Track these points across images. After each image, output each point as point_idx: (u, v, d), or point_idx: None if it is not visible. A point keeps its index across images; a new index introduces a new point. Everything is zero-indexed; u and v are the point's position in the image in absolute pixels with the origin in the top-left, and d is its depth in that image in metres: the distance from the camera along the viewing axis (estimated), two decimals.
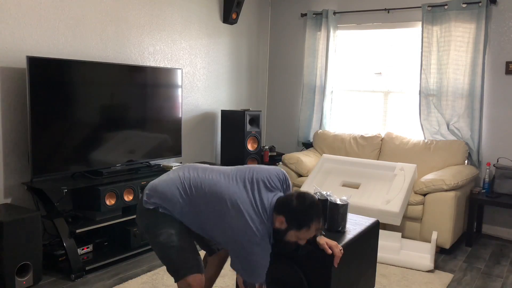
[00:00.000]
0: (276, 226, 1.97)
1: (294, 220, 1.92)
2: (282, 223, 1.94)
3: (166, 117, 4.02)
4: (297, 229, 1.93)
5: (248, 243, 1.92)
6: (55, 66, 3.14)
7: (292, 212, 1.92)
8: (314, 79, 5.25)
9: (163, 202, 2.06)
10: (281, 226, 1.95)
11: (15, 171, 3.21)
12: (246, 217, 1.93)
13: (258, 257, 1.94)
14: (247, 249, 1.92)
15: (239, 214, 1.94)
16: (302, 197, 1.95)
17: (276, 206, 1.97)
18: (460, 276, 3.35)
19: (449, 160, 4.22)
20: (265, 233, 1.96)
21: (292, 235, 1.96)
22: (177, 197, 2.05)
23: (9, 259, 2.73)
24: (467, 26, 4.26)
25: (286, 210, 1.94)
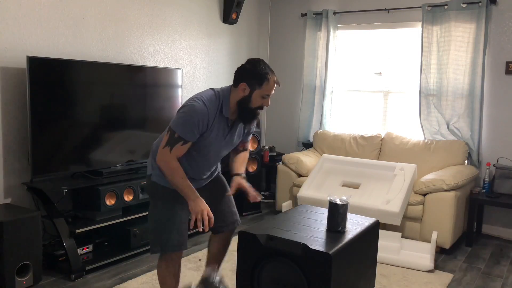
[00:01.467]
0: (241, 97, 2.15)
1: (253, 79, 2.13)
2: (245, 89, 2.14)
3: (166, 117, 4.02)
4: (259, 86, 2.13)
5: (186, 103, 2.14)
6: (55, 66, 3.14)
7: (249, 73, 2.13)
8: (314, 79, 5.25)
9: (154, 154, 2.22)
10: (245, 93, 2.15)
11: (15, 171, 3.21)
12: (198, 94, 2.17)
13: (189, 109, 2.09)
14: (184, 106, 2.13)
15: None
16: (252, 60, 2.17)
17: (234, 81, 2.19)
18: (460, 276, 3.35)
19: (449, 160, 4.22)
20: (210, 97, 2.15)
21: (256, 96, 2.15)
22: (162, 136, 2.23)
23: (9, 259, 2.73)
24: (467, 26, 4.26)
25: (243, 75, 2.15)
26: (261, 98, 2.17)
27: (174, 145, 2.09)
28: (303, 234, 2.34)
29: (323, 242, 2.22)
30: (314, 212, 2.78)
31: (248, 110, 2.18)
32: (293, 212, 2.74)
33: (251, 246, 2.30)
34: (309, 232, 2.37)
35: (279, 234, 2.30)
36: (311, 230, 2.41)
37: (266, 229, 2.36)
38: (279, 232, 2.34)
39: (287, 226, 2.46)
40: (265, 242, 2.26)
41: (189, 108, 2.09)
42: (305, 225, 2.48)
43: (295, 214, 2.71)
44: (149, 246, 2.30)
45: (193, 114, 2.08)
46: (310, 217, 2.65)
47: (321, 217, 2.68)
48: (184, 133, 2.09)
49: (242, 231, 2.35)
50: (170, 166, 2.11)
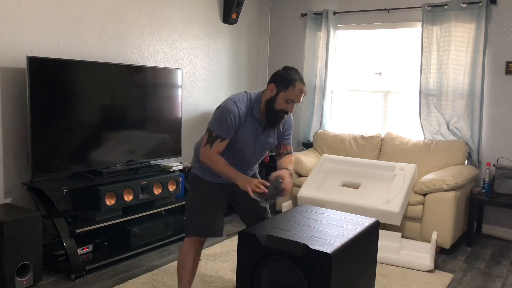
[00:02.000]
0: (268, 97, 2.34)
1: (281, 82, 2.31)
2: (273, 90, 2.33)
3: (166, 117, 4.02)
4: (285, 89, 2.30)
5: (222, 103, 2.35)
6: (55, 66, 3.14)
7: (279, 77, 2.33)
8: (314, 79, 5.25)
9: (196, 150, 2.50)
10: (272, 93, 2.33)
11: (15, 171, 3.21)
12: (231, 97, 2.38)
13: (225, 108, 2.31)
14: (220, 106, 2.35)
15: None
16: (286, 67, 2.37)
17: (269, 81, 2.37)
18: (460, 276, 3.35)
19: (449, 160, 4.22)
20: (243, 99, 2.35)
21: (281, 98, 2.32)
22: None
23: (9, 259, 2.73)
24: (467, 26, 4.26)
25: (274, 78, 2.35)
26: (285, 102, 2.33)
27: (213, 142, 2.33)
28: (303, 234, 2.34)
29: (323, 242, 2.22)
30: (314, 212, 2.78)
31: (273, 111, 2.35)
32: (293, 212, 2.74)
33: (251, 246, 2.30)
34: (309, 232, 2.37)
35: (279, 234, 2.30)
36: (311, 230, 2.41)
37: (266, 229, 2.36)
38: (279, 232, 2.34)
39: (287, 226, 2.46)
40: (265, 242, 2.26)
41: (222, 108, 2.33)
42: (305, 225, 2.48)
43: (295, 214, 2.71)
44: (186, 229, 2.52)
45: (225, 113, 2.30)
46: (310, 217, 2.65)
47: (321, 217, 2.68)
48: (220, 131, 2.31)
49: (242, 231, 2.36)
50: (213, 159, 2.34)
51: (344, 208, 3.70)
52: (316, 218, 2.64)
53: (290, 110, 2.37)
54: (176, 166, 3.97)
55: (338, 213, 2.80)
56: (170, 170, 3.90)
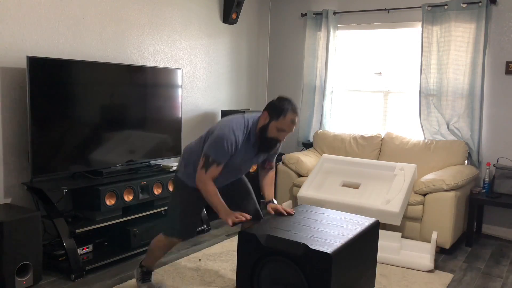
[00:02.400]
0: (261, 124, 2.44)
1: (273, 111, 2.41)
2: (266, 118, 2.43)
3: (166, 117, 4.02)
4: (276, 118, 2.39)
5: (219, 128, 2.42)
6: (55, 66, 3.14)
7: (272, 106, 2.43)
8: (314, 79, 5.25)
9: (184, 156, 2.61)
10: (265, 121, 2.43)
11: (15, 171, 3.21)
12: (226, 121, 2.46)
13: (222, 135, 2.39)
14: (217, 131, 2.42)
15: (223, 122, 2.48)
16: (281, 96, 2.47)
17: (263, 109, 2.47)
18: (460, 276, 3.35)
19: (449, 160, 4.22)
20: (240, 126, 2.43)
21: (273, 126, 2.41)
22: (194, 143, 2.62)
23: (9, 259, 2.73)
24: (467, 26, 4.27)
25: (268, 106, 2.45)
26: (277, 130, 2.43)
27: (209, 167, 2.40)
28: (303, 234, 2.34)
29: (323, 242, 2.22)
30: (314, 212, 2.78)
31: (265, 138, 2.45)
32: (292, 213, 2.74)
33: (251, 246, 2.31)
34: (309, 232, 2.37)
35: (279, 234, 2.30)
36: (311, 230, 2.41)
37: (266, 229, 2.36)
38: (279, 232, 2.34)
39: (287, 226, 2.46)
40: (265, 242, 2.25)
41: (220, 135, 2.39)
42: (305, 225, 2.48)
43: (295, 214, 2.71)
44: (164, 227, 2.71)
45: (223, 140, 2.38)
46: (310, 217, 2.65)
47: (321, 217, 2.68)
48: (217, 156, 2.40)
49: (242, 231, 2.35)
50: (206, 187, 2.42)
51: (344, 208, 3.70)
52: (316, 218, 2.64)
53: (282, 139, 2.48)
54: (176, 166, 3.97)
55: (338, 213, 2.80)
56: (170, 170, 3.90)
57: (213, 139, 2.41)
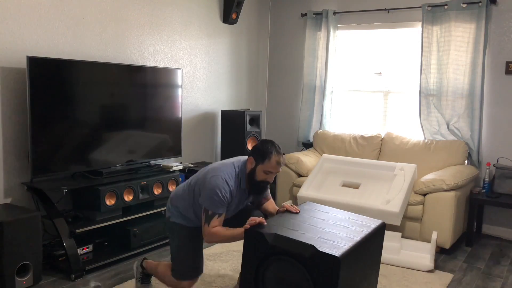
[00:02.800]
0: (248, 169, 2.51)
1: (258, 155, 2.47)
2: (252, 163, 2.49)
3: (166, 117, 4.02)
4: (262, 162, 2.46)
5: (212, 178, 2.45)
6: (55, 66, 3.14)
7: (257, 150, 2.49)
8: (314, 79, 5.25)
9: (174, 203, 2.61)
10: (252, 166, 2.50)
11: (15, 171, 3.21)
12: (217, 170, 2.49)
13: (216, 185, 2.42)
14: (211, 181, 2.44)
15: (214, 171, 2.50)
16: (264, 140, 2.55)
17: (248, 154, 2.54)
18: (460, 276, 3.35)
19: (449, 160, 4.22)
20: (232, 175, 2.48)
21: (260, 170, 2.48)
22: (182, 191, 2.62)
23: (9, 259, 2.73)
24: (467, 26, 4.27)
25: (252, 151, 2.51)
26: (264, 173, 2.49)
27: (210, 220, 2.44)
28: (310, 234, 2.30)
29: (331, 244, 2.18)
30: (320, 211, 2.75)
31: (254, 182, 2.52)
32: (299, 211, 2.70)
33: (258, 244, 2.27)
34: (316, 233, 2.33)
35: (286, 233, 2.26)
36: (318, 231, 2.37)
37: (272, 227, 2.33)
38: (286, 231, 2.29)
39: (293, 225, 2.42)
40: (273, 241, 2.22)
41: (214, 187, 2.42)
42: (312, 225, 2.45)
43: (301, 212, 2.68)
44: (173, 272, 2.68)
45: (218, 192, 2.41)
46: (317, 217, 2.63)
47: (327, 216, 2.65)
48: (215, 208, 2.43)
49: (249, 229, 2.33)
50: (215, 234, 2.43)
51: (344, 208, 3.69)
52: (322, 218, 2.61)
53: (270, 180, 2.53)
54: (176, 166, 3.97)
55: (344, 213, 2.76)
56: (170, 170, 3.90)
57: (208, 192, 2.43)
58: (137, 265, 2.88)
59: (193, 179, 2.63)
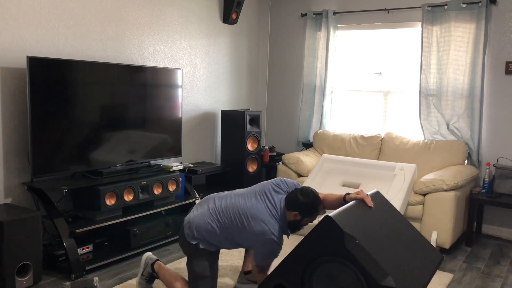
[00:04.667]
0: (292, 220, 2.54)
1: (306, 211, 2.51)
2: (296, 215, 2.52)
3: (166, 117, 4.02)
4: (310, 216, 2.54)
5: (266, 241, 2.48)
6: (55, 66, 3.14)
7: (302, 206, 2.50)
8: (314, 79, 5.25)
9: (200, 235, 2.59)
10: (296, 218, 2.53)
11: (15, 171, 3.21)
12: (263, 224, 2.49)
13: (273, 249, 2.50)
14: (265, 245, 2.48)
15: (257, 222, 2.50)
16: (306, 193, 2.53)
17: (287, 205, 2.54)
18: (460, 276, 3.35)
19: (449, 160, 4.22)
20: (279, 229, 2.50)
21: (306, 221, 2.57)
22: (210, 226, 2.59)
23: (9, 259, 2.73)
24: (467, 26, 4.27)
25: (297, 207, 2.51)
26: (310, 221, 2.61)
27: (267, 270, 2.60)
28: (387, 257, 2.08)
29: (407, 284, 2.00)
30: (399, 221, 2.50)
31: (297, 227, 2.61)
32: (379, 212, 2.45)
33: (331, 238, 2.08)
34: (395, 260, 2.10)
35: (366, 244, 2.06)
36: (397, 257, 2.14)
37: (354, 228, 2.11)
38: (368, 242, 2.08)
39: (377, 236, 2.19)
40: (350, 246, 2.02)
41: (272, 247, 2.49)
42: (391, 246, 2.20)
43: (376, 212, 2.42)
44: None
45: (275, 251, 2.52)
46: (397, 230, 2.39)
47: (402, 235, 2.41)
48: (270, 262, 2.59)
49: (329, 218, 2.10)
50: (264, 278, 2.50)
51: None
52: (399, 238, 2.36)
53: (311, 222, 2.63)
54: (176, 166, 3.97)
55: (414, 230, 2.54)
56: (170, 170, 3.90)
57: (267, 254, 2.52)
58: (147, 263, 2.84)
59: (222, 215, 2.59)
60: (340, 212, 2.20)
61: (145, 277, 2.83)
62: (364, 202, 2.44)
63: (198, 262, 2.62)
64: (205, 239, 2.60)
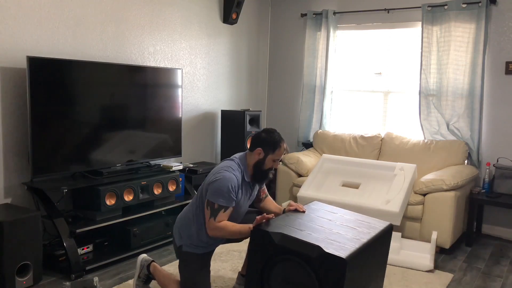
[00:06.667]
0: (256, 160, 2.56)
1: (268, 145, 2.55)
2: (260, 153, 2.56)
3: (166, 117, 4.02)
4: (273, 152, 2.56)
5: (217, 175, 2.46)
6: (55, 66, 3.14)
7: (264, 141, 2.56)
8: (314, 79, 5.25)
9: (181, 233, 2.60)
10: (260, 157, 2.56)
11: (15, 171, 3.21)
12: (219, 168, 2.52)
13: (221, 181, 2.43)
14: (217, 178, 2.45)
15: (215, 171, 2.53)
16: (268, 130, 2.61)
17: (251, 146, 2.59)
18: (460, 276, 3.35)
19: (449, 160, 4.22)
20: (236, 169, 2.51)
21: (269, 159, 2.56)
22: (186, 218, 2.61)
23: (9, 259, 2.73)
24: (467, 26, 4.27)
25: (260, 142, 2.57)
26: (272, 161, 2.58)
27: (217, 214, 2.42)
28: (317, 235, 2.27)
29: (338, 246, 2.15)
30: (327, 211, 2.72)
31: (262, 171, 2.59)
32: (306, 210, 2.68)
33: (264, 243, 2.24)
34: (323, 233, 2.31)
35: (293, 233, 2.23)
36: (325, 231, 2.34)
37: (279, 227, 2.30)
38: (293, 231, 2.27)
39: (300, 225, 2.39)
40: (279, 241, 2.20)
41: (221, 178, 2.43)
42: (319, 225, 2.43)
43: (308, 212, 2.65)
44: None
45: (226, 183, 2.42)
46: (324, 217, 2.60)
47: (334, 217, 2.63)
48: (223, 201, 2.42)
49: (256, 227, 2.31)
50: (221, 228, 2.43)
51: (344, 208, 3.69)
52: (329, 218, 2.58)
53: (276, 166, 2.63)
54: (176, 166, 3.97)
55: (351, 213, 2.74)
56: (170, 170, 3.90)
57: (216, 185, 2.43)
58: (143, 265, 2.84)
59: (196, 197, 2.61)
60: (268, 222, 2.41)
61: (141, 278, 2.83)
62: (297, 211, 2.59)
63: (186, 268, 2.60)
64: (190, 239, 2.57)
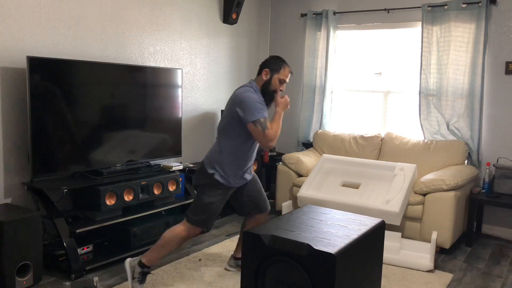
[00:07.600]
0: (264, 81, 2.84)
1: (273, 66, 2.84)
2: (267, 73, 2.84)
3: (166, 117, 4.02)
4: (278, 71, 2.84)
5: (244, 96, 2.74)
6: (55, 66, 3.14)
7: (270, 63, 2.86)
8: (314, 79, 5.25)
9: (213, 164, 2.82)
10: (267, 78, 2.84)
11: (15, 171, 3.21)
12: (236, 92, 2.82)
13: (251, 99, 2.72)
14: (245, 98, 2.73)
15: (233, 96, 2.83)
16: (273, 56, 2.93)
17: (259, 70, 2.89)
18: (460, 276, 3.35)
19: (449, 160, 4.22)
20: (253, 88, 2.82)
21: (275, 80, 2.84)
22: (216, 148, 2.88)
23: (9, 259, 2.73)
24: (467, 26, 4.27)
25: (266, 64, 2.86)
26: (279, 82, 2.85)
27: (266, 125, 2.71)
28: (307, 234, 2.32)
29: (327, 243, 2.20)
30: (318, 212, 2.77)
31: (268, 92, 2.85)
32: (298, 213, 2.73)
33: (256, 246, 2.30)
34: (313, 233, 2.36)
35: (283, 234, 2.29)
36: (315, 231, 2.39)
37: (270, 229, 2.35)
38: (283, 232, 2.33)
39: (291, 226, 2.44)
40: (269, 242, 2.25)
41: (248, 99, 2.72)
42: (310, 226, 2.47)
43: (299, 214, 2.70)
44: (186, 212, 2.90)
45: (253, 100, 2.72)
46: (315, 218, 2.64)
47: (325, 217, 2.67)
48: (261, 113, 2.71)
49: (247, 231, 2.36)
50: (275, 131, 2.75)
51: (344, 208, 3.70)
52: (320, 219, 2.63)
53: (283, 88, 2.89)
54: (176, 166, 3.97)
55: (343, 213, 2.78)
56: (170, 170, 3.90)
57: (249, 105, 2.69)
58: (133, 265, 2.83)
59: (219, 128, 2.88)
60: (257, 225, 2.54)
61: (137, 279, 2.81)
62: None
63: (208, 193, 2.82)
64: (223, 170, 2.80)
